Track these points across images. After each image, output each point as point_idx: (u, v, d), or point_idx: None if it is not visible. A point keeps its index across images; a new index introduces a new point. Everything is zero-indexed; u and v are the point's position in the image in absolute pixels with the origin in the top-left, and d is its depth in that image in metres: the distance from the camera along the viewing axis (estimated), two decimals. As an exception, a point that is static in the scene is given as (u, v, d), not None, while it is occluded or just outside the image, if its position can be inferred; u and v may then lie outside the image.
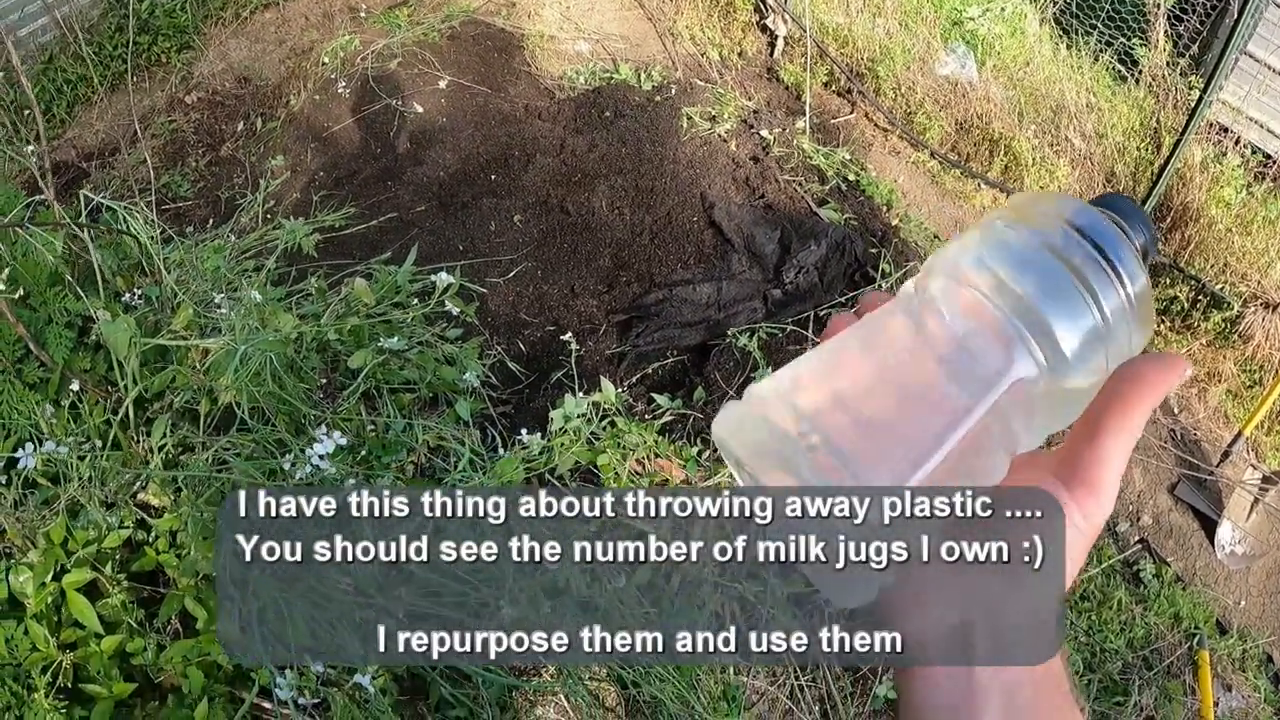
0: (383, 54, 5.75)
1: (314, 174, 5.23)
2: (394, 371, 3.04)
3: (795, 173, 5.50)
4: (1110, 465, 0.68)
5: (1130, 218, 0.75)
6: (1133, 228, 0.74)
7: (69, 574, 2.42)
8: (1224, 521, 4.85)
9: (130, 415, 2.66)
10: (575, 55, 6.35)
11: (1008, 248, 0.72)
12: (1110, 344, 0.70)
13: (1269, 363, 5.43)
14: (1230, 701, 4.26)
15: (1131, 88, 6.40)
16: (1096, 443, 0.68)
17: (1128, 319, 0.70)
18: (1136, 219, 0.75)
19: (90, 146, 5.49)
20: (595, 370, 4.13)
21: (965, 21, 6.78)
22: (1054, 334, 0.68)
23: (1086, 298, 0.68)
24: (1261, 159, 5.98)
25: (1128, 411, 0.68)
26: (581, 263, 4.76)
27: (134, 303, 2.98)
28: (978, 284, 0.71)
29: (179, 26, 6.08)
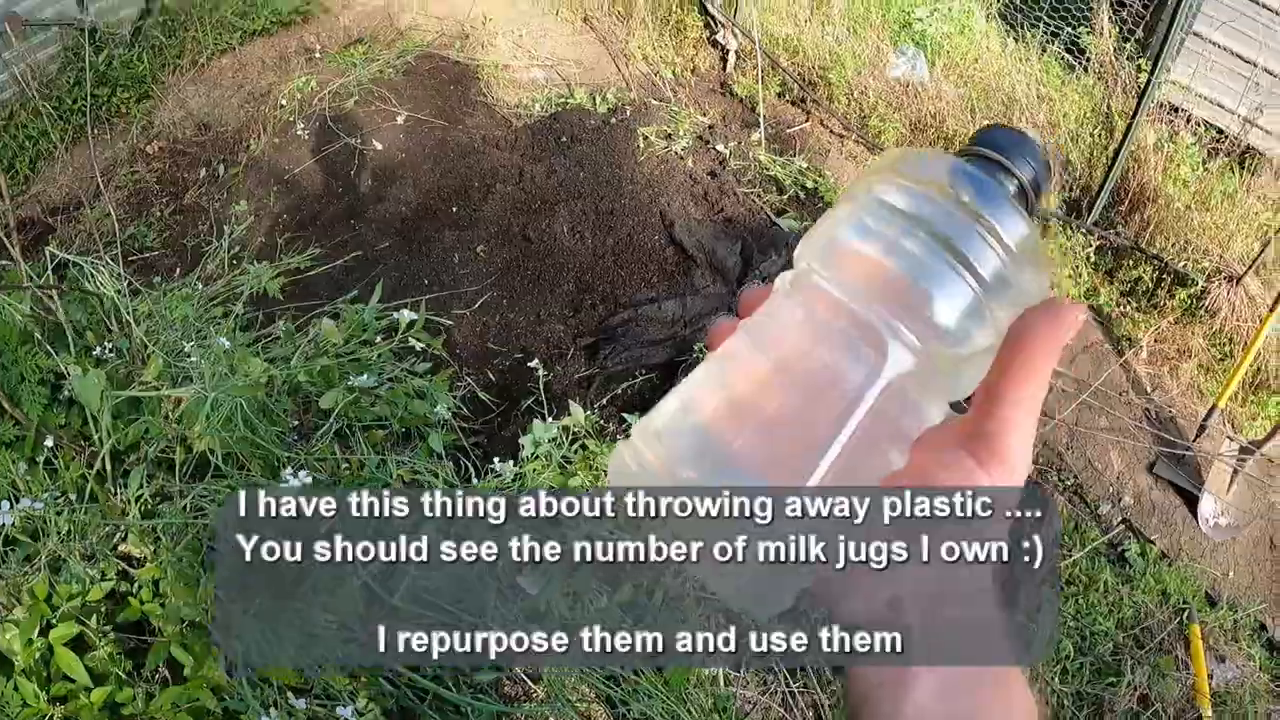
0: (339, 93, 5.78)
1: (277, 217, 5.25)
2: (365, 409, 3.08)
3: (753, 184, 5.56)
4: (1016, 431, 0.66)
5: (1011, 151, 0.70)
6: (1015, 163, 0.69)
7: (55, 629, 2.44)
8: (1205, 495, 4.86)
9: (107, 467, 2.70)
10: (530, 83, 6.40)
11: (865, 230, 0.69)
12: (998, 302, 0.65)
13: (1237, 335, 5.46)
14: (1225, 673, 4.25)
15: (1081, 76, 6.47)
16: (998, 411, 0.65)
17: (1014, 272, 0.65)
18: (1019, 151, 0.70)
19: (55, 201, 5.51)
20: (565, 394, 4.16)
21: (913, 23, 6.85)
22: (927, 315, 0.64)
23: (959, 269, 0.64)
24: (1214, 135, 6.04)
25: (1025, 373, 0.65)
26: (546, 289, 4.79)
27: (105, 356, 3.00)
28: (838, 278, 0.68)
29: (137, 76, 6.10)
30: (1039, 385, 0.66)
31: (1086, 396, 5.11)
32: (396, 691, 2.54)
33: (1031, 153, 0.70)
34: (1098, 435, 5.04)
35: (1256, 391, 5.43)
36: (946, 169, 0.67)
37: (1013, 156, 0.70)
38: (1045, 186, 0.71)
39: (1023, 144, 0.70)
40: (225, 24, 6.46)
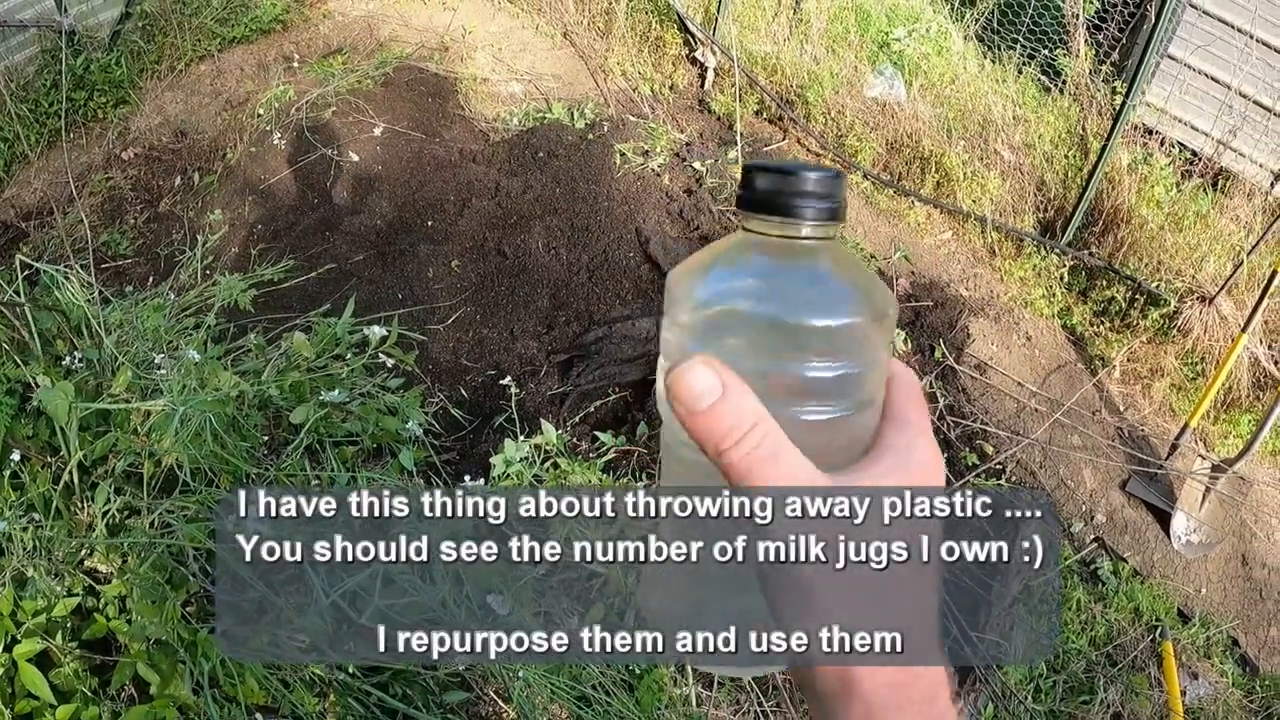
0: (317, 103, 5.77)
1: (252, 227, 5.23)
2: (336, 425, 3.06)
3: (729, 203, 5.56)
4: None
5: (785, 202, 0.68)
6: (794, 211, 0.68)
7: (19, 645, 2.41)
8: (1178, 512, 4.89)
9: (75, 481, 2.67)
10: (509, 97, 6.40)
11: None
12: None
13: (1209, 354, 5.52)
14: (1198, 690, 4.28)
15: (1056, 97, 6.53)
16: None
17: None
18: (790, 197, 0.68)
19: (29, 206, 5.48)
20: (537, 412, 4.16)
21: (891, 43, 6.89)
22: None
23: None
24: (1188, 157, 6.10)
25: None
26: (520, 305, 4.79)
27: (74, 366, 2.98)
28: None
29: (115, 81, 6.08)
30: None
31: (1059, 415, 5.14)
32: (366, 712, 2.52)
33: (801, 181, 0.68)
34: (1071, 454, 5.07)
35: (1228, 410, 5.48)
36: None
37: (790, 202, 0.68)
38: (835, 192, 0.69)
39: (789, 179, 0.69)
40: (205, 30, 6.45)
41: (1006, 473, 4.89)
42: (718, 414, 0.63)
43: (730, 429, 0.63)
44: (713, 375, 0.63)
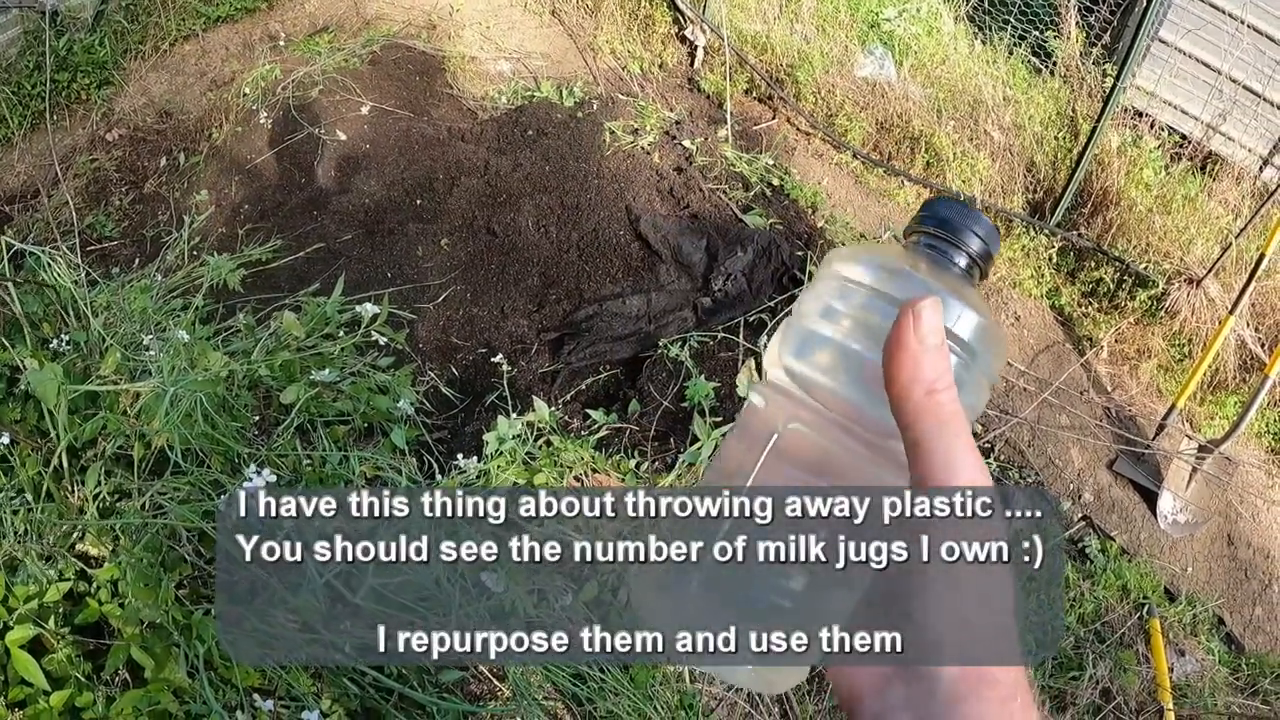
0: (304, 82, 5.72)
1: (239, 207, 5.20)
2: (327, 404, 3.05)
3: (719, 181, 5.55)
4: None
5: (957, 229, 0.71)
6: (961, 240, 0.71)
7: (11, 631, 2.39)
8: (1164, 492, 4.94)
9: (64, 464, 2.65)
10: (497, 75, 6.36)
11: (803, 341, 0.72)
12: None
13: (1196, 336, 5.55)
14: (1185, 666, 4.32)
15: (1047, 79, 6.53)
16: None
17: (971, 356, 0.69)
18: (964, 227, 0.71)
19: (12, 189, 5.43)
20: (529, 390, 4.15)
21: (882, 23, 6.88)
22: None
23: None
24: (1177, 140, 6.12)
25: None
26: (510, 283, 4.77)
27: (62, 349, 2.96)
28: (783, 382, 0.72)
29: (98, 62, 6.02)
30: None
31: (1048, 395, 5.16)
32: (361, 692, 2.52)
33: (974, 227, 0.71)
34: (1059, 433, 5.09)
35: (1215, 391, 5.51)
36: (890, 278, 0.70)
37: (958, 234, 0.71)
38: (993, 248, 0.73)
39: (968, 220, 0.72)
40: (189, 9, 6.38)
41: (994, 451, 4.92)
42: (945, 354, 0.65)
43: (944, 372, 0.64)
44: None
